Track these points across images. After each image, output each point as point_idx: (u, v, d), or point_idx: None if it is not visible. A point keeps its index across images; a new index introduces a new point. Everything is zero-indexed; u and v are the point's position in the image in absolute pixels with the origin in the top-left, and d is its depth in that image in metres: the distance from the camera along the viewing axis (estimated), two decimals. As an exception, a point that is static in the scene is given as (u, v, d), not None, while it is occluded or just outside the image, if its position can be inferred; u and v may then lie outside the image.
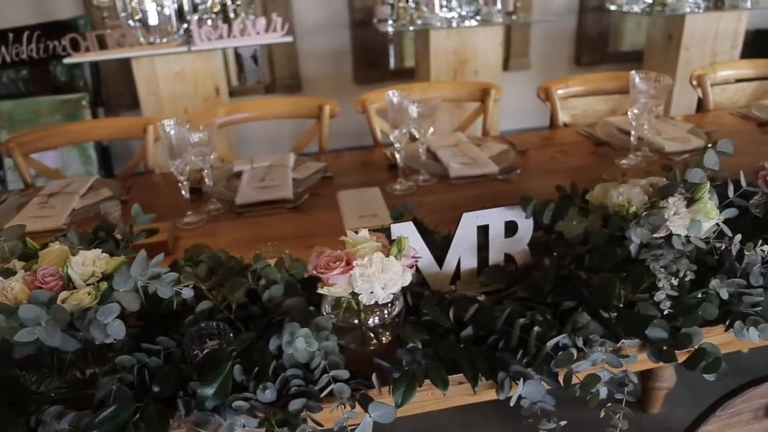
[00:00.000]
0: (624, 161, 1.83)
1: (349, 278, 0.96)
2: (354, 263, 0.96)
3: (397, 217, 1.36)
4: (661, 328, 0.99)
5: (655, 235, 1.01)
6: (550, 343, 0.94)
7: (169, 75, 3.63)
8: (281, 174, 1.87)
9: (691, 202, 1.04)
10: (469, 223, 1.14)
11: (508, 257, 1.19)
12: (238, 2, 3.73)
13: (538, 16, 4.56)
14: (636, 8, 4.28)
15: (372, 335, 1.05)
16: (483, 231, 1.15)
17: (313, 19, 4.34)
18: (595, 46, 4.81)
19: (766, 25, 4.97)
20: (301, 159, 2.02)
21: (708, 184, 1.04)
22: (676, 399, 2.13)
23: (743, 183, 1.11)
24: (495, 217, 1.14)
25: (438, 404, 0.98)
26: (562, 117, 2.33)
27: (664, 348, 0.99)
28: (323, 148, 2.21)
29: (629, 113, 1.76)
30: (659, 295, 0.96)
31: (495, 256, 1.18)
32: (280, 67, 4.41)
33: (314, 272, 0.98)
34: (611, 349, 0.97)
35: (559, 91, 2.30)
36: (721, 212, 1.06)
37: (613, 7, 4.51)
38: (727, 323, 1.04)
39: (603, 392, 0.94)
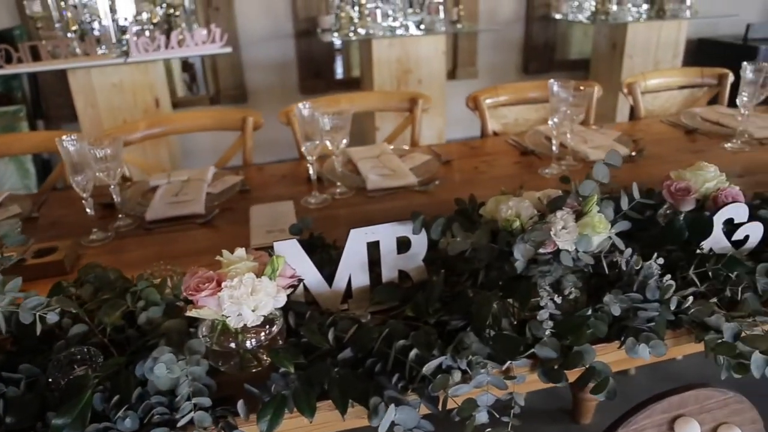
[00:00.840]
0: (547, 170, 1.81)
1: (218, 300, 0.91)
2: (223, 284, 0.91)
3: (296, 233, 1.31)
4: (551, 347, 0.95)
5: (541, 251, 0.98)
6: (429, 366, 0.89)
7: (107, 87, 3.54)
8: (196, 188, 1.81)
9: (580, 215, 1.00)
10: (357, 239, 1.09)
11: (405, 274, 1.15)
12: (177, 13, 3.65)
13: (484, 25, 4.56)
14: (581, 17, 4.31)
15: (252, 358, 1.00)
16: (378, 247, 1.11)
17: (257, 29, 4.28)
18: (542, 54, 4.82)
19: (708, 34, 5.05)
20: (221, 172, 1.96)
21: (595, 198, 1.00)
22: (607, 409, 2.10)
23: (636, 195, 1.07)
24: (386, 233, 1.10)
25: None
26: (493, 126, 2.30)
27: (555, 367, 0.95)
28: (247, 161, 2.15)
29: (549, 122, 1.74)
30: (542, 314, 0.92)
31: (388, 273, 1.13)
32: (225, 77, 4.33)
33: (184, 294, 0.93)
34: (497, 370, 0.93)
35: (488, 101, 2.27)
36: (613, 225, 1.03)
37: (558, 16, 4.53)
38: (621, 340, 1.01)
39: (483, 417, 0.89)
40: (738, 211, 1.14)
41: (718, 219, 1.13)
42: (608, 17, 4.13)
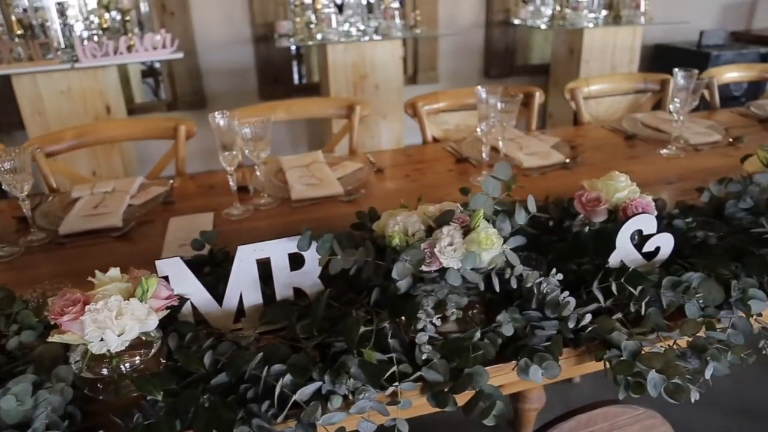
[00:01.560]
0: (479, 178, 1.77)
1: (81, 324, 0.85)
2: (86, 308, 0.86)
3: (197, 248, 1.26)
4: (439, 370, 0.90)
5: (425, 269, 0.93)
6: (304, 391, 0.85)
7: (55, 93, 3.46)
8: (117, 200, 1.75)
9: (468, 231, 0.95)
10: (246, 256, 1.04)
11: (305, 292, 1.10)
12: (128, 18, 3.58)
13: (444, 30, 4.53)
14: (538, 22, 4.29)
15: (130, 383, 0.94)
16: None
17: (214, 35, 4.21)
18: (503, 59, 4.80)
19: (665, 40, 5.07)
20: (149, 183, 1.90)
21: (481, 212, 0.96)
22: (548, 419, 2.06)
23: (532, 208, 1.03)
24: (276, 250, 1.05)
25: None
26: (435, 132, 2.26)
27: (445, 390, 0.90)
28: (180, 170, 2.09)
29: (478, 129, 1.70)
30: (420, 337, 0.87)
31: (282, 291, 1.08)
32: (182, 83, 4.26)
33: (50, 318, 0.88)
34: (381, 395, 0.88)
35: (426, 107, 2.23)
36: (506, 240, 0.98)
37: (517, 21, 4.52)
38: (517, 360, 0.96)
39: (362, 445, 0.84)
40: (646, 223, 1.10)
41: (626, 230, 1.09)
42: (565, 23, 4.12)
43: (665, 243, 1.13)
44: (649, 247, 1.12)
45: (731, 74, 2.69)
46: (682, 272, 1.08)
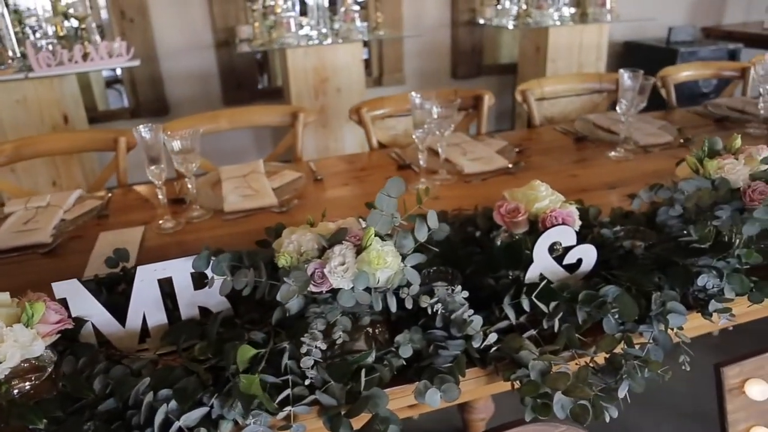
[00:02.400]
0: (418, 185, 1.73)
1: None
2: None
3: (111, 266, 1.22)
4: (333, 393, 0.86)
5: (314, 290, 0.89)
6: (189, 417, 0.81)
7: (10, 103, 3.38)
8: (49, 215, 1.70)
9: (360, 249, 0.91)
10: (146, 276, 1.00)
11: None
12: (83, 26, 3.51)
13: (409, 30, 4.50)
14: (504, 22, 4.27)
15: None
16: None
17: (175, 41, 4.15)
18: (470, 59, 4.77)
19: (634, 38, 5.07)
20: (87, 196, 1.85)
21: (372, 230, 0.91)
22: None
23: (433, 223, 0.98)
24: (177, 269, 1.01)
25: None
26: (380, 138, 2.22)
27: (340, 413, 0.86)
28: (121, 182, 2.04)
29: (414, 135, 1.66)
30: (305, 361, 0.83)
31: (187, 310, 1.04)
32: (144, 90, 4.19)
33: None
34: (276, 419, 0.84)
35: (370, 113, 2.19)
36: (405, 258, 0.94)
37: (482, 21, 4.49)
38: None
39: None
40: (564, 234, 1.06)
41: (543, 242, 1.05)
42: (530, 22, 4.10)
43: (587, 255, 1.10)
44: (570, 259, 1.09)
45: (686, 73, 2.66)
46: (603, 285, 1.04)
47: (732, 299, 1.06)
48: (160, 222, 1.61)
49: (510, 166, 1.82)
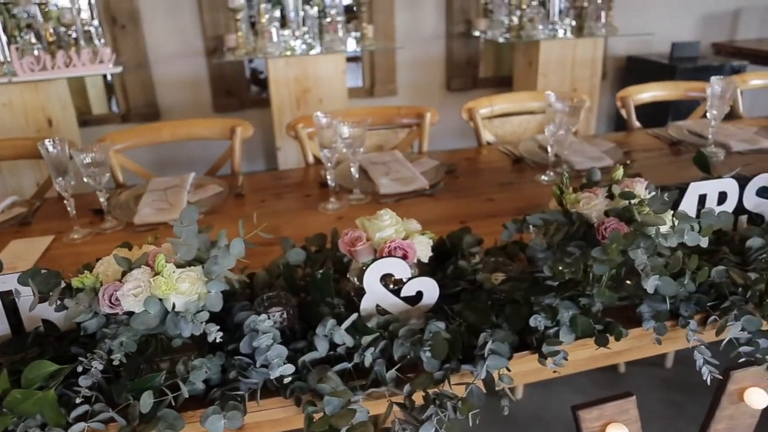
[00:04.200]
0: (329, 206, 1.71)
1: None
2: None
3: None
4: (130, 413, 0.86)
5: (109, 311, 0.89)
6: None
7: (-3, 106, 3.47)
8: (-32, 222, 1.72)
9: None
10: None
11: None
12: (70, 32, 3.58)
13: (403, 42, 4.48)
14: (497, 34, 4.22)
15: None
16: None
17: (166, 47, 4.20)
18: (465, 71, 4.73)
19: (637, 52, 4.98)
20: (18, 202, 1.88)
21: (162, 257, 0.90)
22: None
23: (237, 251, 0.95)
24: (16, 282, 1.01)
25: None
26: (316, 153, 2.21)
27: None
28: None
29: (321, 155, 1.65)
30: (83, 380, 0.83)
31: (30, 323, 1.04)
32: (135, 95, 4.25)
33: None
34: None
35: (306, 129, 2.18)
36: (209, 283, 0.93)
37: (476, 33, 4.45)
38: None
39: None
40: (395, 266, 1.04)
41: (373, 273, 1.03)
42: (521, 35, 4.05)
43: (428, 288, 1.06)
44: (409, 291, 1.06)
45: (648, 94, 2.59)
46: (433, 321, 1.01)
47: (561, 342, 1.01)
48: (70, 233, 1.63)
49: (428, 187, 1.79)
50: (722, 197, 1.37)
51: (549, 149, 1.86)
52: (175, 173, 1.97)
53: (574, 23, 4.21)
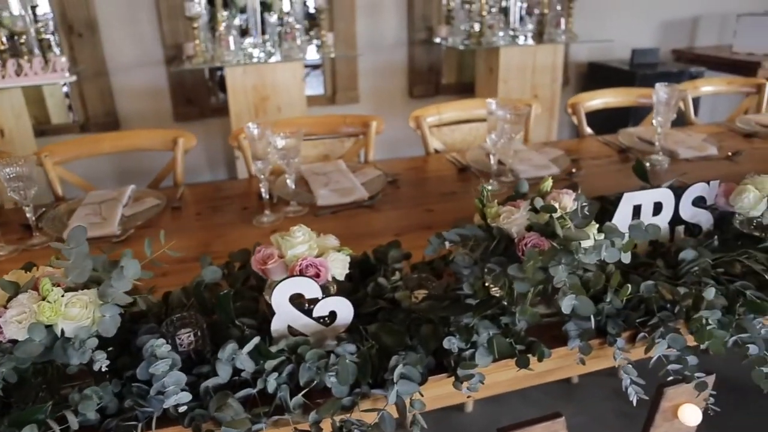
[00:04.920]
0: (263, 219, 1.67)
1: None
2: None
3: None
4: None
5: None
6: None
7: (-55, 115, 3.39)
8: None
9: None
10: None
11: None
12: (22, 40, 3.50)
13: (364, 49, 4.45)
14: (458, 41, 4.21)
15: None
16: None
17: (125, 55, 4.13)
18: (428, 78, 4.71)
19: (599, 58, 5.00)
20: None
21: (47, 281, 0.86)
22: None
23: (132, 272, 0.92)
24: None
25: None
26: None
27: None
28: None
29: (254, 167, 1.61)
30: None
31: None
32: (93, 104, 4.18)
33: None
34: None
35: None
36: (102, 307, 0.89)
37: (437, 40, 4.44)
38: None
39: None
40: (304, 287, 1.00)
41: (281, 292, 0.99)
42: (481, 42, 4.04)
43: (342, 308, 1.03)
44: (321, 311, 1.02)
45: (599, 100, 2.59)
46: (343, 343, 0.98)
47: (476, 365, 0.98)
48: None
49: (367, 198, 1.75)
50: (658, 207, 1.36)
51: (491, 158, 1.84)
52: (129, 184, 1.93)
53: (533, 29, 4.22)
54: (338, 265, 1.07)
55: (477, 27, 4.12)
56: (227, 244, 1.54)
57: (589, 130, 2.54)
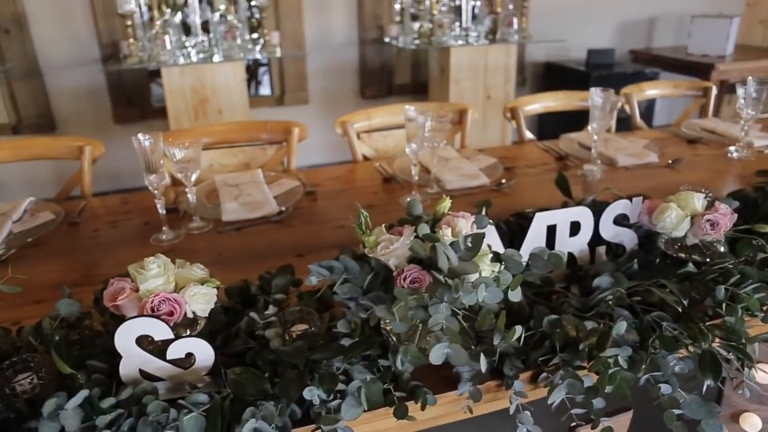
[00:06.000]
0: (163, 236, 1.54)
1: None
2: None
3: None
4: None
5: None
6: None
7: None
8: None
9: None
10: None
11: None
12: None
13: (313, 49, 4.32)
14: (408, 41, 4.11)
15: None
16: None
17: (59, 54, 3.95)
18: (380, 78, 4.60)
19: (555, 58, 4.93)
20: None
21: None
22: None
23: None
24: None
25: None
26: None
27: None
28: None
29: (147, 181, 1.48)
30: None
31: None
32: (26, 105, 3.99)
33: None
34: None
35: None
36: None
37: (387, 40, 4.33)
38: None
39: None
40: (151, 327, 0.88)
41: (125, 334, 0.87)
42: (432, 42, 3.94)
43: (200, 350, 0.90)
44: (175, 353, 0.90)
45: (539, 104, 2.49)
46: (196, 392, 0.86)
47: (339, 420, 0.86)
48: None
49: (278, 212, 1.63)
50: (576, 227, 1.25)
51: (412, 169, 1.72)
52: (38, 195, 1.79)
53: (484, 28, 4.13)
54: (200, 300, 0.95)
55: (428, 26, 4.01)
56: (117, 265, 1.40)
57: (530, 135, 2.45)
